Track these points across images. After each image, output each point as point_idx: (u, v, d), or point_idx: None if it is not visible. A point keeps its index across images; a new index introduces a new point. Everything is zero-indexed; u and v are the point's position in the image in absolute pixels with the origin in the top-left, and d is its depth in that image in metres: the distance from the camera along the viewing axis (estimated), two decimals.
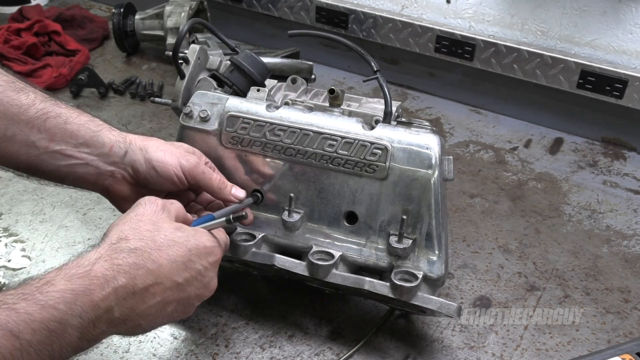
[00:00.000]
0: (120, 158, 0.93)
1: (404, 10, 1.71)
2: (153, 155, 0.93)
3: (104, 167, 0.93)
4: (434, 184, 0.99)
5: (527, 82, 1.59)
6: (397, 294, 0.98)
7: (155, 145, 0.95)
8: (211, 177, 0.96)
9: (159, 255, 0.75)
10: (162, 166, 0.92)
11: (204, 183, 0.96)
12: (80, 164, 0.92)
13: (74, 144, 0.90)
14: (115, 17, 1.81)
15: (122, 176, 0.94)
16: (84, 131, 0.91)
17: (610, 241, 1.29)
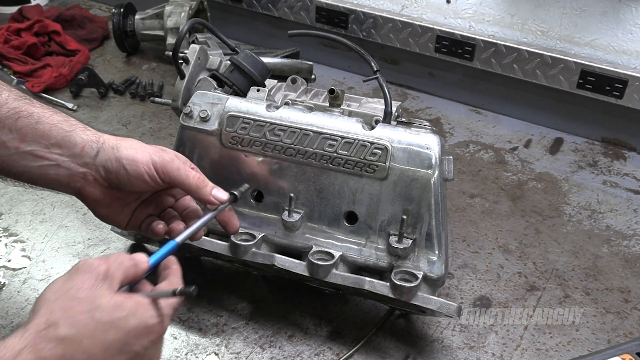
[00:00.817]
0: (92, 158, 0.89)
1: (404, 10, 1.71)
2: (124, 153, 0.88)
3: (75, 169, 0.89)
4: (434, 184, 0.99)
5: (527, 82, 1.59)
6: (397, 294, 0.98)
7: (128, 144, 0.90)
8: (188, 174, 0.89)
9: (91, 343, 0.67)
10: (132, 164, 0.87)
11: (179, 180, 0.88)
12: (52, 165, 0.88)
13: (45, 144, 0.87)
14: (115, 17, 1.81)
15: (94, 178, 0.89)
16: (56, 131, 0.88)
17: (610, 241, 1.29)
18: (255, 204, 1.08)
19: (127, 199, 0.93)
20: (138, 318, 0.70)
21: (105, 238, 1.25)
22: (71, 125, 0.90)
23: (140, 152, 0.88)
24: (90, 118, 1.62)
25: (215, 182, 1.09)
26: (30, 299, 1.12)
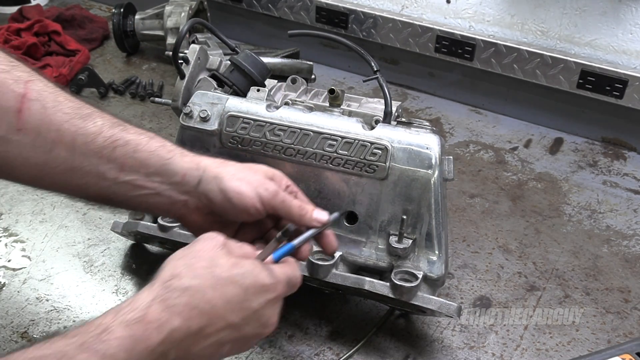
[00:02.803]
0: (194, 187, 0.86)
1: (404, 10, 1.71)
2: (228, 185, 0.85)
3: (176, 197, 0.86)
4: (434, 184, 0.99)
5: (527, 82, 1.59)
6: (397, 294, 0.98)
7: (230, 172, 0.87)
8: (291, 205, 0.87)
9: (213, 294, 0.71)
10: (238, 197, 0.85)
11: (283, 212, 0.87)
12: (152, 194, 0.86)
13: (144, 173, 0.85)
14: (115, 17, 1.81)
15: (196, 206, 0.87)
16: (155, 159, 0.85)
17: (610, 241, 1.29)
18: None
19: (227, 224, 0.90)
20: (254, 276, 0.74)
21: (105, 238, 1.25)
22: (169, 151, 0.87)
23: (246, 185, 0.85)
24: None
25: None
26: (30, 299, 1.12)
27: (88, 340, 0.62)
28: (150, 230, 1.09)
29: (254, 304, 0.74)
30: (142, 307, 0.67)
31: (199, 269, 0.72)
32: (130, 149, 0.84)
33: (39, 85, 0.81)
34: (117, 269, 1.19)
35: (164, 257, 1.23)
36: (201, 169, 0.86)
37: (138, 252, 1.23)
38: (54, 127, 0.79)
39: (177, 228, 1.08)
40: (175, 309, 0.68)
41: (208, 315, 0.70)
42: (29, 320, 1.08)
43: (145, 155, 0.85)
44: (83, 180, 0.83)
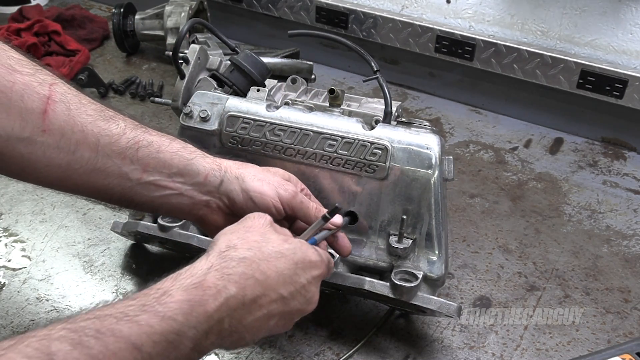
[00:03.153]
0: (216, 187, 0.89)
1: (404, 10, 1.71)
2: (250, 185, 0.88)
3: (198, 197, 0.89)
4: (434, 184, 0.99)
5: (527, 82, 1.59)
6: (397, 294, 0.98)
7: (251, 173, 0.90)
8: (308, 206, 0.90)
9: (266, 266, 0.74)
10: (259, 197, 0.88)
11: (301, 213, 0.91)
12: (175, 194, 0.88)
13: (167, 173, 0.86)
14: (115, 17, 1.81)
15: (218, 206, 0.90)
16: (178, 160, 0.87)
17: (610, 241, 1.29)
18: None
19: None
20: (303, 252, 0.79)
21: (105, 238, 1.25)
22: (191, 152, 0.89)
23: (267, 186, 0.89)
24: None
25: None
26: (30, 299, 1.12)
27: (148, 303, 0.64)
28: (150, 230, 1.09)
29: (302, 279, 0.78)
30: (200, 274, 0.69)
31: (253, 242, 0.75)
32: (153, 149, 0.85)
33: (63, 88, 0.82)
34: (117, 269, 1.19)
35: (164, 257, 1.24)
36: (223, 170, 0.89)
37: (138, 252, 1.23)
38: (78, 129, 0.80)
39: (177, 228, 1.08)
40: (232, 278, 0.70)
41: (262, 285, 0.73)
42: (29, 320, 1.08)
43: (168, 156, 0.86)
44: (106, 181, 0.84)
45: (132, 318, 0.62)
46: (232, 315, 0.70)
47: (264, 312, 0.73)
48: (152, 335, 0.62)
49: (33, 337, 0.56)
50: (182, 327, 0.65)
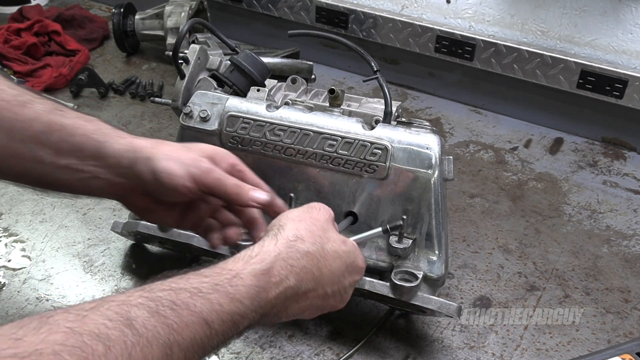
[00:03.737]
0: (128, 169, 0.86)
1: (404, 10, 1.71)
2: (159, 165, 0.85)
3: (113, 179, 0.87)
4: (434, 184, 0.99)
5: (527, 82, 1.59)
6: (397, 294, 0.98)
7: (163, 153, 0.86)
8: (226, 183, 0.86)
9: (324, 264, 0.77)
10: (167, 177, 0.84)
11: (218, 191, 0.86)
12: (90, 177, 0.87)
13: (80, 157, 0.86)
14: (115, 17, 1.81)
15: (132, 188, 0.88)
16: (90, 143, 0.86)
17: (610, 241, 1.29)
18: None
19: (169, 205, 0.91)
20: (355, 257, 0.82)
21: (105, 238, 1.25)
22: (105, 134, 0.87)
23: (177, 165, 0.85)
24: None
25: None
26: (30, 299, 1.12)
27: (220, 283, 0.67)
28: (150, 230, 1.09)
29: (346, 281, 0.81)
30: (269, 261, 0.72)
31: (317, 237, 0.78)
32: (65, 133, 0.85)
33: None
34: (117, 269, 1.19)
35: (163, 257, 1.23)
36: (135, 151, 0.87)
37: (138, 252, 1.23)
38: None
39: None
40: (294, 270, 0.74)
41: (315, 281, 0.76)
42: None
43: (81, 139, 0.86)
44: (23, 165, 0.85)
45: (205, 295, 0.65)
46: (283, 303, 0.73)
47: (307, 303, 0.77)
48: (221, 314, 0.65)
49: (113, 302, 0.58)
50: (247, 310, 0.68)
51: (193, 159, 0.86)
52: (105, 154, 0.86)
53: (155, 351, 0.57)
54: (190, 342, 0.61)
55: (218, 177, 0.86)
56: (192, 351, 0.62)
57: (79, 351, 0.52)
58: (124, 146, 0.87)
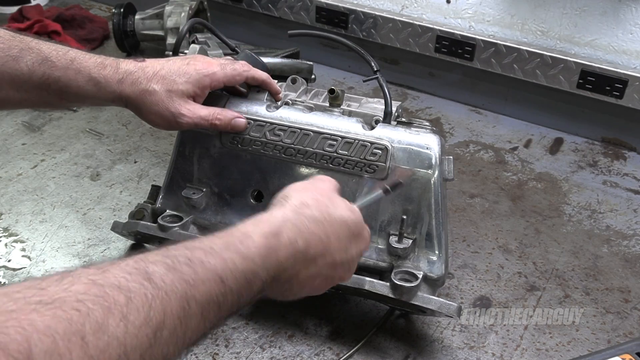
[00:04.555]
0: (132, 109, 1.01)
1: (404, 10, 1.71)
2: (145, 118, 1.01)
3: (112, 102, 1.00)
4: (434, 184, 0.99)
5: (527, 82, 1.59)
6: (397, 294, 0.98)
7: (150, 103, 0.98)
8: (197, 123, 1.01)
9: (331, 229, 0.78)
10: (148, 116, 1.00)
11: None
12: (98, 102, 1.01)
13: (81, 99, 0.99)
14: (115, 17, 1.81)
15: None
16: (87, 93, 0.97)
17: (610, 241, 1.29)
18: (256, 204, 1.08)
19: None
20: (362, 227, 0.83)
21: (105, 238, 1.25)
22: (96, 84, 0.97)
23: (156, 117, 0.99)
24: (90, 118, 1.62)
25: (215, 182, 1.10)
26: None
27: (232, 242, 0.69)
28: (150, 230, 1.09)
29: (353, 251, 0.82)
30: (277, 224, 0.73)
31: (323, 205, 0.79)
32: (62, 85, 0.96)
33: None
34: None
35: None
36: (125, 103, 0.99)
37: (138, 252, 1.23)
38: None
39: (177, 228, 1.08)
40: (303, 234, 0.75)
41: (323, 246, 0.77)
42: None
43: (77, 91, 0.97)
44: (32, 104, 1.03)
45: (218, 253, 0.66)
46: (293, 267, 0.74)
47: (315, 271, 0.77)
48: (234, 272, 0.66)
49: (130, 259, 0.60)
50: (259, 268, 0.69)
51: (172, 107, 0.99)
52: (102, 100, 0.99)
53: (174, 304, 0.58)
54: (206, 297, 0.62)
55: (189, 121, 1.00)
56: (208, 307, 0.63)
57: (102, 300, 0.53)
58: (116, 96, 0.98)
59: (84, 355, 0.50)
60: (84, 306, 0.52)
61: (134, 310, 0.55)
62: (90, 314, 0.51)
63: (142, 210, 1.14)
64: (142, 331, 0.55)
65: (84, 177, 1.42)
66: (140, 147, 1.52)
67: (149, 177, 1.42)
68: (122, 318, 0.54)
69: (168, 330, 0.57)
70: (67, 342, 0.49)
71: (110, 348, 0.52)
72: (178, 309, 0.59)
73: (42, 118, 1.61)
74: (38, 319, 0.48)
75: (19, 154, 1.49)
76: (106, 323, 0.52)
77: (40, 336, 0.47)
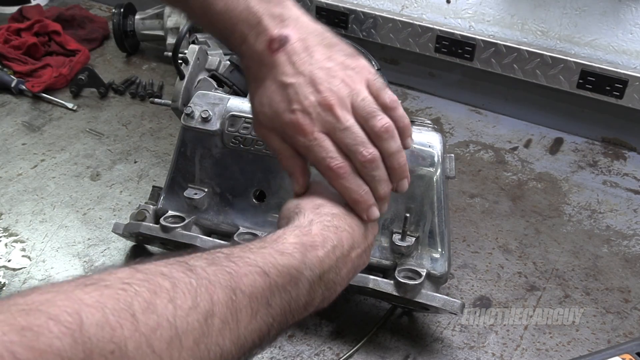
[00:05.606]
0: None
1: (404, 10, 1.71)
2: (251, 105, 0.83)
3: None
4: (437, 182, 0.99)
5: (527, 82, 1.59)
6: (401, 291, 0.98)
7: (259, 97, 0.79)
8: None
9: (350, 220, 0.76)
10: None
11: None
12: None
13: None
14: (115, 17, 1.81)
15: None
16: None
17: (610, 241, 1.29)
18: (258, 203, 1.08)
19: None
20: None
21: (105, 238, 1.25)
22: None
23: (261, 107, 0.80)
24: (90, 118, 1.62)
25: (217, 182, 1.10)
26: None
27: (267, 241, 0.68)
28: (153, 231, 1.09)
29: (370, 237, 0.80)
30: (306, 225, 0.72)
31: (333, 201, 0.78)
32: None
33: None
34: None
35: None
36: None
37: (138, 252, 1.23)
38: None
39: (180, 229, 1.07)
40: (331, 230, 0.73)
41: (352, 238, 0.75)
42: None
43: None
44: None
45: (256, 250, 0.65)
46: (336, 265, 0.72)
47: (351, 265, 0.76)
48: (276, 265, 0.64)
49: (170, 257, 0.59)
50: (300, 264, 0.67)
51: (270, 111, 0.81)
52: None
53: (219, 293, 0.57)
54: (251, 289, 0.60)
55: None
56: (256, 301, 0.61)
57: (147, 283, 0.52)
58: None
59: (134, 331, 0.49)
60: (130, 287, 0.51)
61: (180, 294, 0.54)
62: (137, 294, 0.51)
63: (144, 212, 1.14)
64: (192, 316, 0.54)
65: (84, 177, 1.42)
66: (140, 147, 1.52)
67: (149, 177, 1.42)
68: (169, 300, 0.53)
69: (219, 318, 0.56)
70: (118, 317, 0.48)
71: (160, 328, 0.51)
72: (225, 298, 0.58)
73: (42, 118, 1.61)
74: (85, 296, 0.48)
75: (19, 154, 1.49)
76: (154, 303, 0.51)
77: (90, 309, 0.47)
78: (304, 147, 0.77)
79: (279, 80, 0.76)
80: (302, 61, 0.76)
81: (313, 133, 0.75)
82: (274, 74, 0.77)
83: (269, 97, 0.77)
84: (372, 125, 0.77)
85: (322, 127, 0.76)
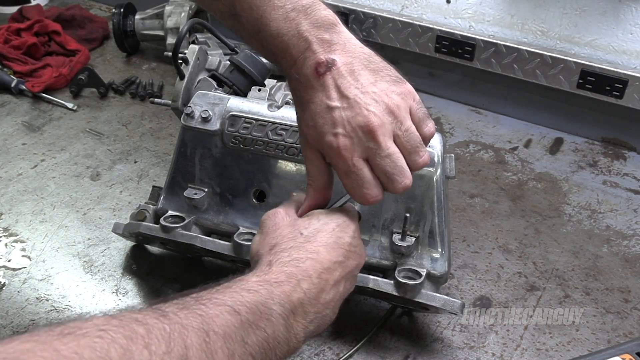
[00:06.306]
0: None
1: (404, 10, 1.71)
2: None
3: None
4: (437, 182, 0.99)
5: (527, 82, 1.59)
6: (401, 291, 0.98)
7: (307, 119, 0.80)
8: None
9: (312, 246, 0.76)
10: None
11: None
12: None
13: None
14: (115, 17, 1.81)
15: None
16: None
17: (610, 241, 1.29)
18: (258, 203, 1.08)
19: None
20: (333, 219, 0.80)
21: (105, 238, 1.25)
22: None
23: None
24: (90, 118, 1.62)
25: (217, 182, 1.10)
26: (30, 299, 1.12)
27: (231, 283, 0.68)
28: (153, 231, 1.09)
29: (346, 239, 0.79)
30: (265, 270, 0.72)
31: (288, 234, 0.78)
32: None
33: None
34: (117, 269, 1.19)
35: (164, 258, 1.23)
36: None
37: (138, 252, 1.23)
38: None
39: (180, 229, 1.07)
40: (291, 265, 0.73)
41: (318, 262, 0.74)
42: (29, 320, 1.08)
43: None
44: None
45: (224, 291, 0.66)
46: (308, 295, 0.72)
47: (331, 284, 0.75)
48: (245, 303, 0.65)
49: (140, 307, 0.60)
50: (267, 300, 0.67)
51: None
52: None
53: (192, 336, 0.58)
54: (224, 329, 0.61)
55: None
56: (231, 341, 0.61)
57: (122, 330, 0.53)
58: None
59: None
60: (107, 334, 0.52)
61: (154, 340, 0.54)
62: (114, 340, 0.51)
63: (144, 212, 1.14)
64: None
65: (84, 177, 1.42)
66: (140, 147, 1.52)
67: (149, 177, 1.42)
68: (145, 346, 0.53)
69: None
70: None
71: None
72: (199, 340, 0.58)
73: (42, 118, 1.61)
74: (63, 347, 0.49)
75: (19, 154, 1.49)
76: (130, 349, 0.52)
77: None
78: (342, 171, 0.78)
79: (325, 103, 0.78)
80: (347, 85, 0.77)
81: (352, 159, 0.77)
82: (320, 97, 0.78)
83: (314, 119, 0.78)
84: (414, 159, 0.79)
85: (362, 152, 0.77)
